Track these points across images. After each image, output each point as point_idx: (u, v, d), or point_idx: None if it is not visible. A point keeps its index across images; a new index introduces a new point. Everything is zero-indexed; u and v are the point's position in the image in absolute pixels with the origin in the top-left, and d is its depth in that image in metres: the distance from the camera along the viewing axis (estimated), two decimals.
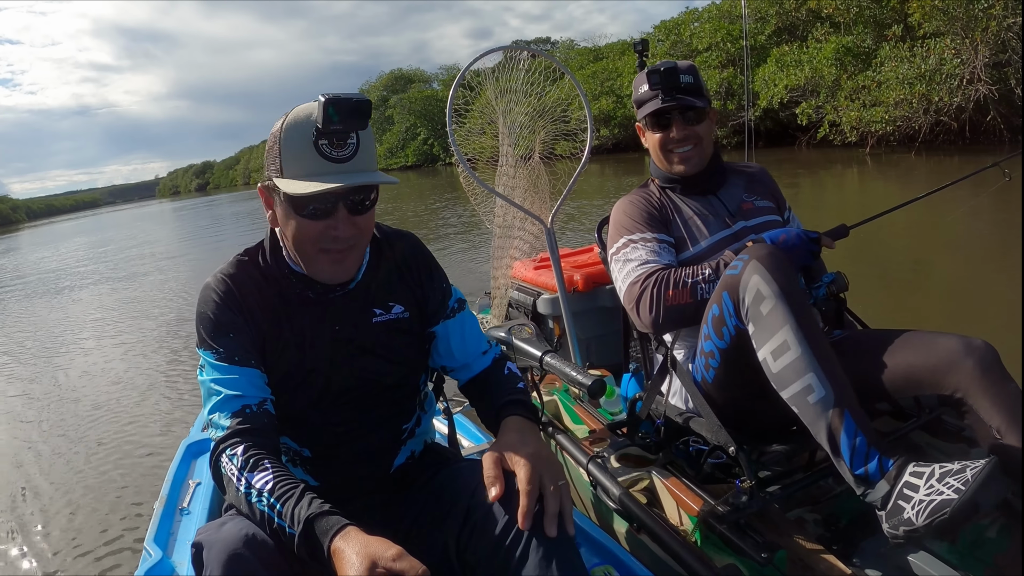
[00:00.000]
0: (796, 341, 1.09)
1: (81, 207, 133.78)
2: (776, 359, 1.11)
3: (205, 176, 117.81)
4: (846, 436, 1.04)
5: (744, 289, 1.15)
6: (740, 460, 1.22)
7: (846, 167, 11.22)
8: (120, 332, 6.25)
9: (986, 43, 10.05)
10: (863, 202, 8.03)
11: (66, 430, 3.70)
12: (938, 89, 10.57)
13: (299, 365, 1.05)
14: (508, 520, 0.92)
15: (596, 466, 1.48)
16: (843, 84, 12.45)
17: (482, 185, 2.17)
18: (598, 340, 2.26)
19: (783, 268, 1.14)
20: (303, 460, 1.10)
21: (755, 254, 1.16)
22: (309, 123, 0.94)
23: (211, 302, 1.02)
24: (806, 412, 1.09)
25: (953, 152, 10.65)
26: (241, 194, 52.56)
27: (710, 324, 1.26)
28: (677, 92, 1.45)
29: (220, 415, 0.96)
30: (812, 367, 1.07)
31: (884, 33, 12.16)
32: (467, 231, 9.02)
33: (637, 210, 1.50)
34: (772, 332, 1.12)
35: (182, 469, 1.80)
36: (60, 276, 11.70)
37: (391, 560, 0.76)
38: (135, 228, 26.41)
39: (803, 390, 1.08)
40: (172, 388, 4.19)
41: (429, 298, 1.16)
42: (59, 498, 2.83)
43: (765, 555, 1.11)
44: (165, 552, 1.40)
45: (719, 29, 15.92)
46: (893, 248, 4.90)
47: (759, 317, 1.13)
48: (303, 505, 0.84)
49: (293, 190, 0.93)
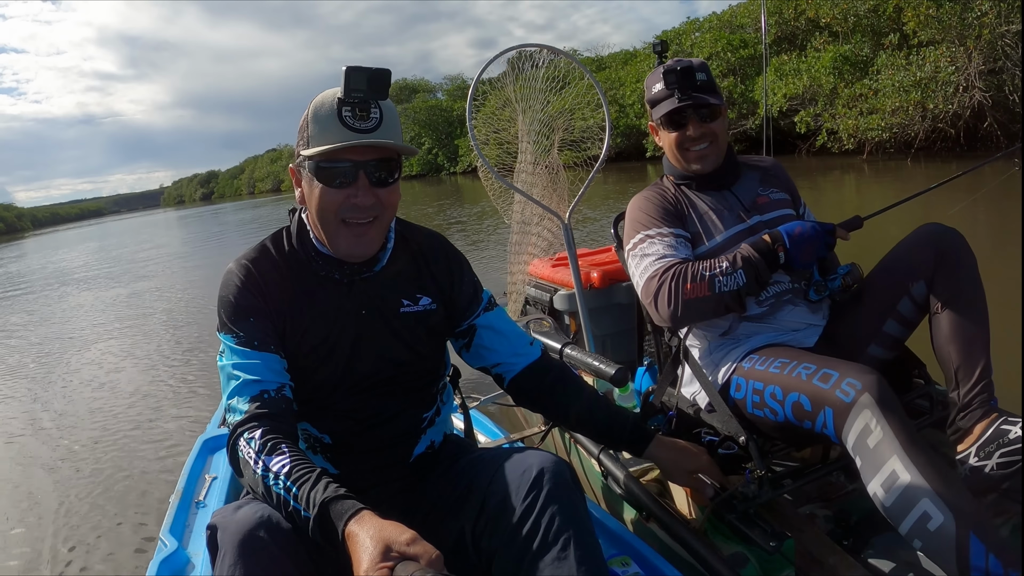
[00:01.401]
0: (905, 467, 1.02)
1: (86, 216, 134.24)
2: (887, 491, 1.04)
3: (210, 185, 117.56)
4: (975, 559, 0.95)
5: (853, 421, 1.10)
6: (751, 450, 1.23)
7: (844, 173, 11.36)
8: (136, 328, 6.33)
9: (980, 51, 10.20)
10: (861, 207, 8.13)
11: (81, 425, 3.76)
12: (933, 96, 10.70)
13: (321, 346, 1.05)
14: (525, 509, 0.93)
15: (607, 456, 1.48)
16: (840, 92, 12.59)
17: (500, 180, 2.24)
18: (613, 337, 2.30)
19: (893, 405, 1.08)
20: (323, 447, 1.10)
21: (866, 383, 1.10)
22: (333, 99, 0.99)
23: (232, 286, 1.03)
24: (929, 541, 1.00)
25: (950, 158, 10.77)
26: (246, 203, 52.52)
27: (786, 401, 1.21)
28: (693, 90, 1.45)
29: (239, 399, 0.96)
30: (926, 492, 1.00)
31: (881, 42, 12.33)
32: (475, 234, 9.09)
33: (653, 205, 1.50)
34: (881, 462, 1.05)
35: (198, 463, 1.80)
36: (75, 273, 11.83)
37: (405, 544, 0.76)
38: (144, 233, 26.73)
39: (920, 518, 0.99)
40: (185, 382, 4.25)
41: (460, 293, 1.17)
42: (74, 491, 2.86)
43: (774, 544, 1.11)
44: (180, 543, 1.41)
45: (719, 39, 16.05)
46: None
47: (865, 449, 1.08)
48: (319, 489, 0.84)
49: (313, 150, 0.98)
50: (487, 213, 11.01)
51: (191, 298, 7.95)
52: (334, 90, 1.00)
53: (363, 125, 0.99)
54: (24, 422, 4.01)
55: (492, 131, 2.43)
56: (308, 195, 1.04)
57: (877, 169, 11.32)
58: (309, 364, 1.05)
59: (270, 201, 45.91)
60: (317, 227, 1.06)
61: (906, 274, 1.33)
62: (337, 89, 1.00)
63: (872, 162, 12.02)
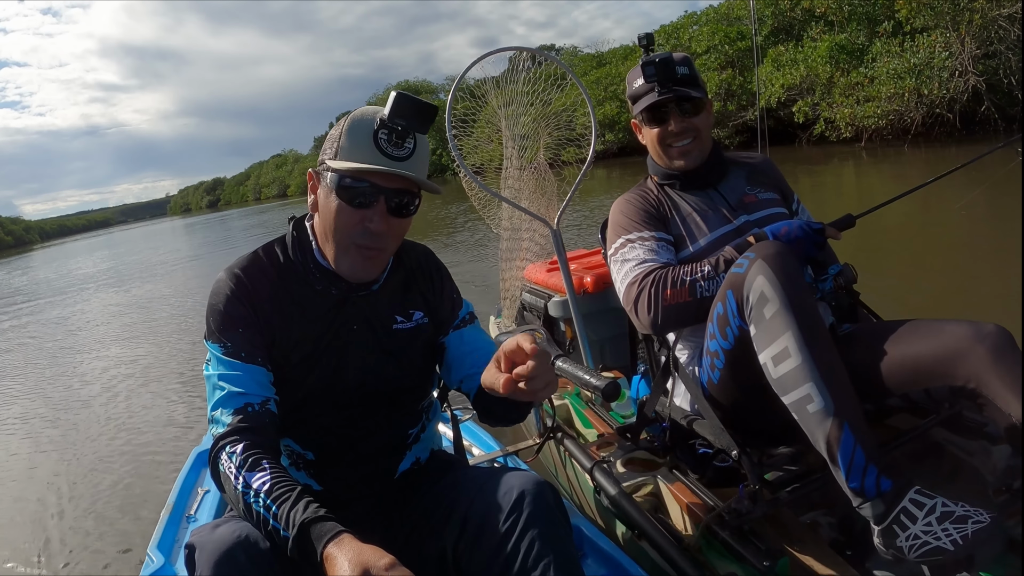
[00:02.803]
0: (797, 348, 1.06)
1: (93, 226, 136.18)
2: (776, 365, 1.09)
3: (216, 193, 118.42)
4: (844, 448, 1.02)
5: (748, 289, 1.12)
6: (743, 463, 1.19)
7: (843, 162, 11.34)
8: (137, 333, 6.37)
9: (972, 35, 10.14)
10: (860, 194, 8.11)
11: (80, 434, 3.77)
12: (928, 82, 10.66)
13: (309, 357, 1.04)
14: (506, 530, 0.92)
15: (600, 471, 1.45)
16: (837, 81, 12.54)
17: (484, 188, 2.20)
18: (611, 342, 2.25)
19: (789, 269, 1.10)
20: (306, 463, 1.09)
21: (761, 253, 1.12)
22: (374, 118, 0.98)
23: (222, 295, 1.02)
24: (806, 420, 1.07)
25: (949, 143, 10.72)
26: (252, 209, 53.32)
27: (715, 323, 1.22)
28: (673, 84, 1.40)
29: (222, 411, 0.96)
30: (812, 376, 1.05)
31: (876, 30, 12.27)
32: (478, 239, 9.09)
33: (634, 208, 1.47)
34: (774, 337, 1.08)
35: (191, 477, 1.77)
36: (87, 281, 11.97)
37: (383, 569, 0.76)
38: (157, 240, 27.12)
39: (803, 398, 1.06)
40: (186, 393, 4.24)
41: (440, 308, 1.17)
42: (68, 503, 2.85)
43: (767, 563, 1.08)
44: (168, 559, 1.39)
45: (717, 32, 16.07)
46: (896, 238, 4.92)
47: (761, 320, 1.10)
48: (299, 509, 0.83)
49: (342, 164, 0.97)
50: None
51: (194, 304, 8.02)
52: (375, 108, 1.00)
53: (396, 152, 0.98)
54: (22, 427, 4.03)
55: (476, 139, 2.39)
56: (323, 205, 1.03)
57: (876, 156, 11.28)
58: (296, 376, 1.04)
59: (276, 206, 46.28)
60: (324, 239, 1.05)
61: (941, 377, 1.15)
62: (378, 108, 1.00)
63: (870, 149, 11.98)
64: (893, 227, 5.05)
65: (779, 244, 1.16)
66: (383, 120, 0.97)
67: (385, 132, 0.97)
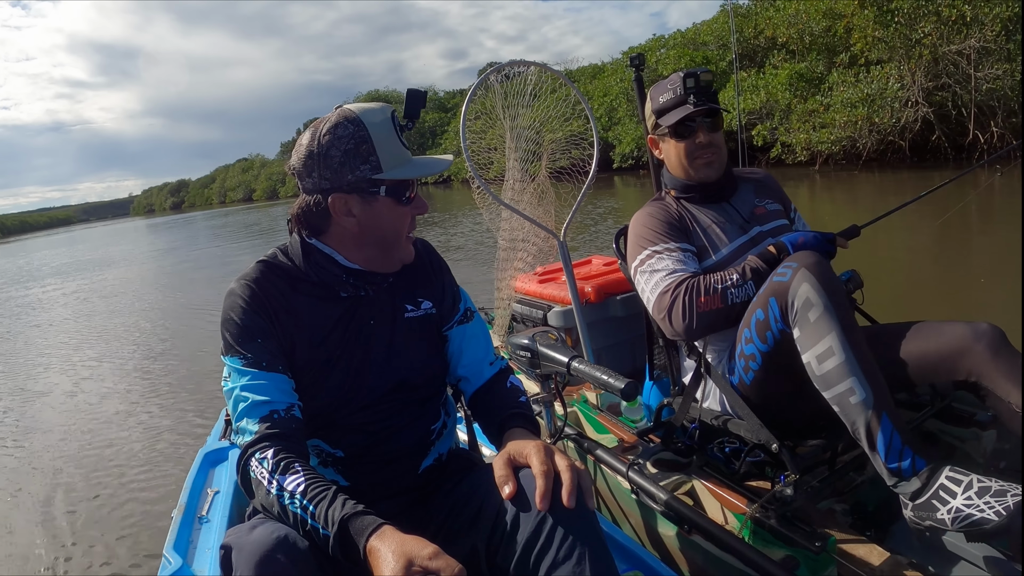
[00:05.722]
0: (840, 347, 1.16)
1: (55, 224, 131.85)
2: (821, 363, 1.18)
3: (180, 195, 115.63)
4: (883, 434, 1.12)
5: (793, 295, 1.20)
6: (783, 456, 1.26)
7: (798, 184, 11.89)
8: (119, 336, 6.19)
9: (922, 69, 10.80)
10: (815, 213, 8.52)
11: (83, 437, 3.66)
12: (880, 112, 11.28)
13: (330, 360, 1.05)
14: (538, 525, 0.91)
15: (637, 472, 1.47)
16: (795, 108, 13.13)
17: (498, 200, 2.23)
18: (608, 350, 2.29)
19: (830, 276, 1.20)
20: (335, 461, 1.09)
21: (803, 262, 1.21)
22: (386, 120, 1.01)
23: (237, 307, 1.01)
24: (847, 411, 1.16)
25: (901, 168, 11.36)
26: (216, 212, 52.77)
27: (753, 328, 1.29)
28: (707, 97, 1.48)
29: (248, 420, 0.96)
30: (854, 371, 1.15)
31: (834, 60, 12.93)
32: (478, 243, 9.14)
33: (657, 221, 1.52)
34: (819, 338, 1.17)
35: (200, 477, 1.76)
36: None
37: (427, 559, 0.76)
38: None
39: (845, 391, 1.16)
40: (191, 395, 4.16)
41: (443, 298, 1.19)
42: (78, 507, 2.79)
43: (819, 543, 1.16)
44: (185, 560, 1.37)
45: (683, 56, 16.57)
46: (886, 248, 5.17)
47: (806, 323, 1.19)
48: (336, 506, 0.83)
49: (402, 174, 1.02)
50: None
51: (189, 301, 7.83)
52: (373, 109, 1.02)
53: (407, 144, 1.05)
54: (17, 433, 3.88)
55: (482, 149, 2.42)
56: (380, 218, 1.04)
57: (829, 179, 11.88)
58: (318, 379, 1.04)
59: (241, 210, 45.95)
60: (363, 244, 1.07)
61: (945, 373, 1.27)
62: (367, 106, 1.02)
63: (824, 173, 12.62)
64: (891, 240, 5.31)
65: (816, 254, 1.25)
66: (402, 124, 1.02)
67: (399, 131, 1.03)
